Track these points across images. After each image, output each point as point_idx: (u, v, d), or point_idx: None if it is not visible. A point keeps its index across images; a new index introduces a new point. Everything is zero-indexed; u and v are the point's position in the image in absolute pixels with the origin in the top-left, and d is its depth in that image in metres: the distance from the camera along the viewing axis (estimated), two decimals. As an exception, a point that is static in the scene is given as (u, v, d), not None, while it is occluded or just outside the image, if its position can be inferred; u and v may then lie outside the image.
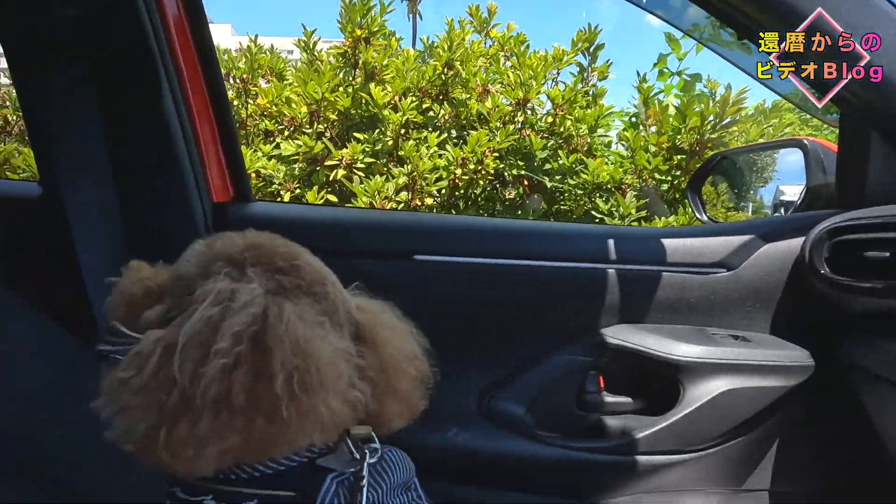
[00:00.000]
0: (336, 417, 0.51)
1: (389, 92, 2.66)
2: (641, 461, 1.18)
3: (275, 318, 0.50)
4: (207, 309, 0.49)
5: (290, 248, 0.58)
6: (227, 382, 0.46)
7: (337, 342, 0.54)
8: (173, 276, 0.57)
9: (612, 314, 1.25)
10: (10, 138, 2.77)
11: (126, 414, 0.47)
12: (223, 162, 1.24)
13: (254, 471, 0.50)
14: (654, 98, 2.62)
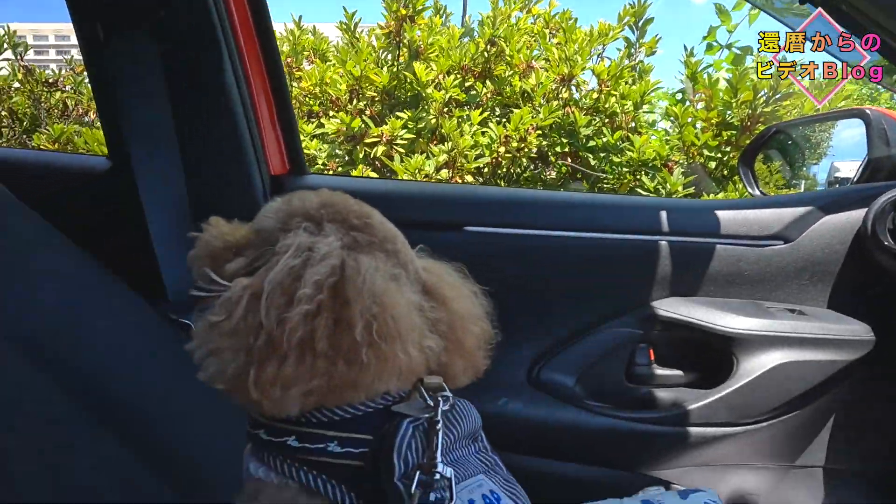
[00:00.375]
0: (412, 365, 0.53)
1: (433, 70, 2.66)
2: (692, 433, 1.18)
3: (352, 270, 0.52)
4: (290, 259, 0.52)
5: (362, 206, 0.60)
6: (310, 328, 0.49)
7: (410, 295, 0.56)
8: (253, 230, 0.60)
9: (664, 287, 1.25)
10: (69, 121, 2.89)
11: (217, 355, 0.50)
12: (280, 136, 1.28)
13: (333, 415, 0.53)
14: (702, 73, 2.55)
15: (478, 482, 0.55)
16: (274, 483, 0.53)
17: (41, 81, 2.96)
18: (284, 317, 0.49)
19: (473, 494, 0.53)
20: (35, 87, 2.94)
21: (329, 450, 0.52)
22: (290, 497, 0.52)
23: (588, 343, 1.24)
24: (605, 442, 1.19)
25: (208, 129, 1.17)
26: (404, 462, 0.51)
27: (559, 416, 1.20)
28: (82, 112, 2.94)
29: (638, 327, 1.24)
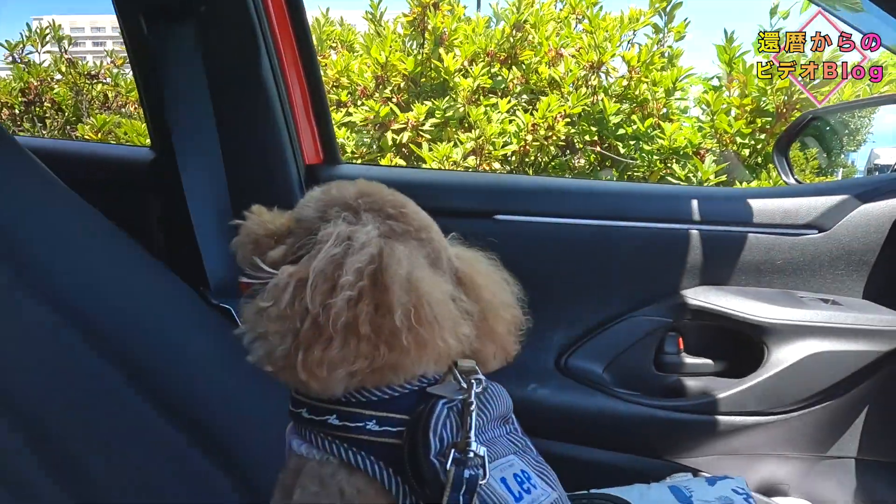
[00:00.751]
0: (449, 350, 0.55)
1: (459, 58, 2.66)
2: (722, 421, 1.18)
3: (389, 258, 0.54)
4: (331, 248, 0.54)
5: (397, 196, 0.62)
6: (353, 313, 0.51)
7: (444, 284, 0.58)
8: (293, 219, 0.62)
9: (694, 275, 1.25)
10: (109, 112, 2.98)
11: (265, 339, 0.53)
12: (314, 126, 1.31)
13: (371, 395, 0.55)
14: (739, 59, 2.49)
15: (509, 462, 0.57)
16: (316, 459, 0.56)
17: (83, 73, 3.06)
18: (329, 302, 0.51)
19: (505, 473, 0.55)
20: (78, 78, 3.04)
21: (368, 428, 0.54)
22: (330, 472, 0.55)
23: (617, 331, 1.25)
24: (633, 429, 1.21)
25: (246, 120, 1.20)
26: (439, 440, 0.53)
27: (587, 403, 1.21)
28: (121, 103, 3.03)
29: (667, 316, 1.24)
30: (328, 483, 0.54)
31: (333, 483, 0.54)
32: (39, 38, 3.12)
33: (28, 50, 3.15)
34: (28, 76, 3.04)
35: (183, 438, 0.88)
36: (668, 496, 0.90)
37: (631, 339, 1.25)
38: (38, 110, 3.08)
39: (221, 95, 1.16)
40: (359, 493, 0.54)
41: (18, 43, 3.12)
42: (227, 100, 1.17)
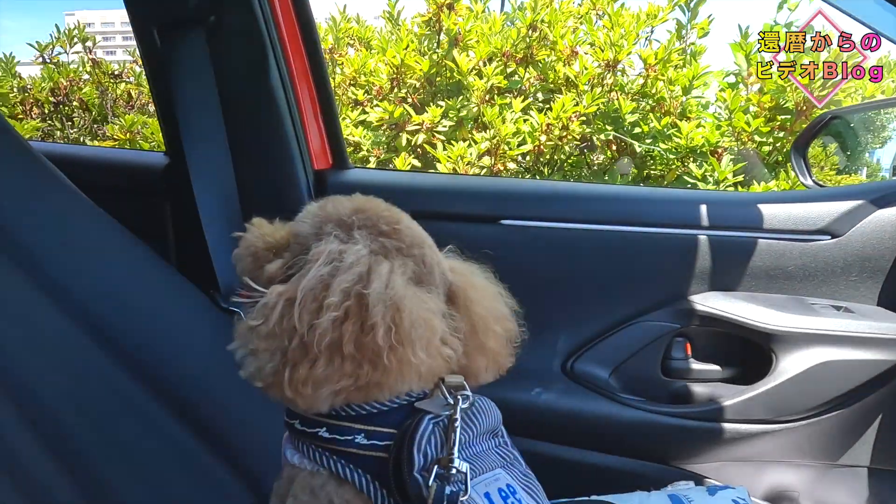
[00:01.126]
0: (431, 368, 0.56)
1: (473, 59, 2.66)
2: (728, 429, 1.17)
3: (376, 276, 0.55)
4: (320, 268, 0.55)
5: (392, 212, 0.63)
6: (339, 333, 0.52)
7: (431, 301, 0.58)
8: (290, 233, 0.64)
9: (702, 281, 1.24)
10: (133, 110, 3.05)
11: (256, 356, 0.55)
12: (322, 132, 1.33)
13: (361, 409, 0.56)
14: (756, 55, 2.45)
15: (495, 476, 0.58)
16: (307, 469, 0.58)
17: (107, 73, 3.13)
18: (315, 322, 0.52)
19: (489, 488, 0.56)
20: (102, 78, 3.10)
21: (356, 441, 0.56)
22: (321, 483, 0.56)
23: (624, 336, 1.25)
24: (638, 434, 1.20)
25: (255, 126, 1.22)
26: (423, 456, 0.54)
27: (592, 408, 1.22)
28: (144, 102, 3.09)
29: (675, 321, 1.24)
30: (318, 494, 0.56)
31: (323, 494, 0.56)
32: (68, 38, 3.19)
33: (58, 51, 3.23)
34: (58, 76, 3.12)
35: (192, 439, 0.91)
36: (667, 505, 0.90)
37: (638, 345, 1.24)
38: (66, 109, 3.16)
39: (231, 102, 1.18)
40: None
41: (49, 44, 3.20)
42: (237, 107, 1.19)
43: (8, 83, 3.15)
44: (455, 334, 0.59)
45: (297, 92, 1.26)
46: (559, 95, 2.60)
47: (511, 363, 0.67)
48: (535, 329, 0.69)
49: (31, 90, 3.13)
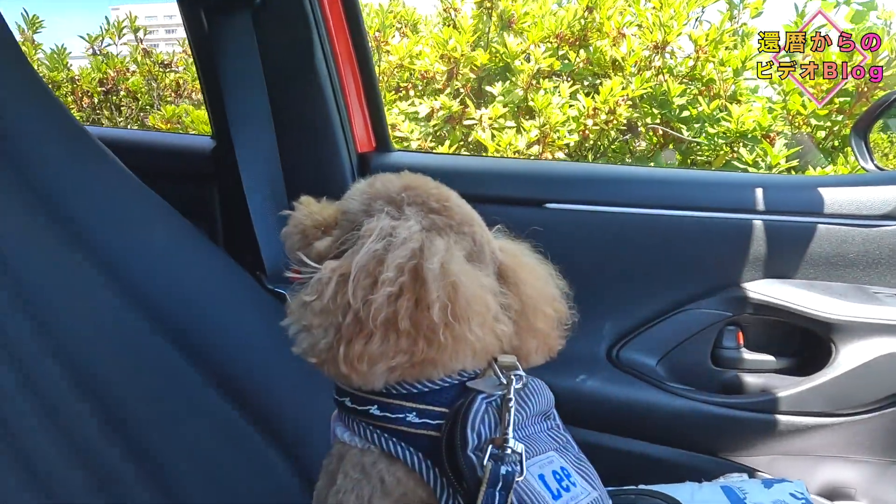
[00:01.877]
0: (486, 345, 0.55)
1: (524, 42, 2.61)
2: (783, 421, 1.13)
3: (432, 252, 0.54)
4: (373, 243, 0.55)
5: (441, 189, 0.62)
6: (394, 308, 0.52)
7: (485, 278, 0.58)
8: (339, 211, 0.64)
9: (757, 268, 1.19)
10: (180, 99, 3.12)
11: (309, 332, 0.54)
12: (366, 114, 1.32)
13: (412, 388, 0.56)
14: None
15: (548, 458, 0.57)
16: (358, 447, 0.57)
17: (157, 63, 3.20)
18: (369, 298, 0.52)
19: (543, 469, 0.55)
20: (152, 68, 3.19)
21: (408, 420, 0.55)
22: (372, 460, 0.56)
23: (672, 323, 1.21)
24: (687, 424, 1.17)
25: (300, 109, 1.23)
26: (477, 435, 0.53)
27: (638, 396, 1.19)
28: (192, 91, 3.16)
29: (726, 309, 1.19)
30: (369, 471, 0.56)
31: (374, 471, 0.56)
32: (117, 30, 3.28)
33: (106, 42, 3.33)
34: (106, 67, 3.22)
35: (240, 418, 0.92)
36: (719, 496, 0.87)
37: (687, 333, 1.21)
38: (115, 99, 3.26)
39: (277, 85, 1.19)
40: (398, 482, 0.55)
41: (98, 36, 3.30)
42: (282, 89, 1.20)
43: (60, 74, 3.26)
44: (506, 313, 0.58)
45: (341, 74, 1.26)
46: (605, 80, 2.54)
47: (561, 346, 0.66)
48: (579, 315, 0.67)
49: (79, 81, 3.24)
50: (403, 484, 0.55)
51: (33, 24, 3.12)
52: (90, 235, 0.88)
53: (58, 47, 3.32)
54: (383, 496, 0.55)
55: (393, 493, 0.55)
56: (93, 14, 3.19)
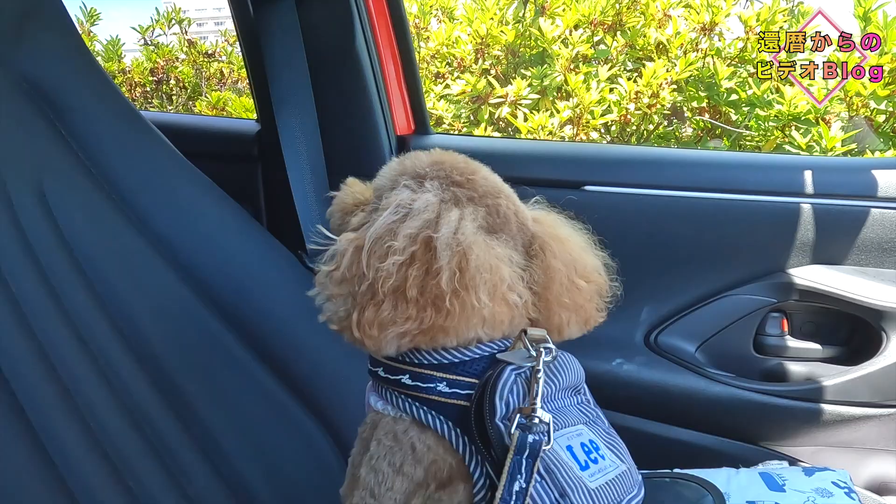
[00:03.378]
0: (496, 315, 0.56)
1: (559, 26, 2.57)
2: (828, 410, 1.10)
3: (445, 222, 0.56)
4: (390, 215, 0.57)
5: (469, 164, 0.63)
6: (403, 276, 0.54)
7: (500, 248, 0.58)
8: (372, 188, 0.66)
9: (804, 253, 1.15)
10: (225, 87, 3.21)
11: (332, 301, 0.57)
12: (405, 97, 1.34)
13: (442, 358, 0.57)
14: (876, 11, 2.21)
15: (577, 431, 0.57)
16: (391, 415, 0.59)
17: (202, 53, 3.30)
18: (380, 266, 0.54)
19: (572, 441, 0.56)
20: (197, 58, 3.29)
21: (438, 389, 0.56)
22: (403, 428, 0.58)
23: (713, 309, 1.19)
24: (726, 411, 1.15)
25: (341, 92, 1.25)
26: (505, 405, 0.54)
27: (676, 381, 1.17)
28: (235, 79, 3.24)
29: (770, 295, 1.16)
30: (401, 438, 0.58)
31: (406, 439, 0.58)
32: (167, 20, 3.39)
33: (157, 33, 3.44)
34: (155, 57, 3.33)
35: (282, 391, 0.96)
36: (758, 482, 0.86)
37: (728, 319, 1.18)
38: (165, 88, 3.38)
39: (319, 69, 1.21)
40: (429, 449, 0.57)
41: (149, 26, 3.42)
42: (324, 73, 1.22)
43: (114, 65, 3.40)
44: (531, 285, 0.59)
45: (381, 58, 1.27)
46: (648, 63, 2.48)
47: (601, 318, 0.65)
48: (617, 291, 0.67)
49: (130, 72, 3.36)
50: (434, 451, 0.56)
51: (91, 16, 3.25)
52: (143, 212, 0.93)
53: (112, 38, 3.46)
54: (414, 463, 0.57)
55: (423, 460, 0.57)
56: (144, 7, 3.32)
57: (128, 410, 0.79)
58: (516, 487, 0.51)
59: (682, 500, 0.81)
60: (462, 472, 0.56)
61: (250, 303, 0.99)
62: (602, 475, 0.55)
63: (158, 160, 0.99)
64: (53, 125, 0.88)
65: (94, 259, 0.84)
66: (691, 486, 0.83)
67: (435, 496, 0.56)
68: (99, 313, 0.82)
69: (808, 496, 0.80)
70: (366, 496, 0.58)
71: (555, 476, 0.52)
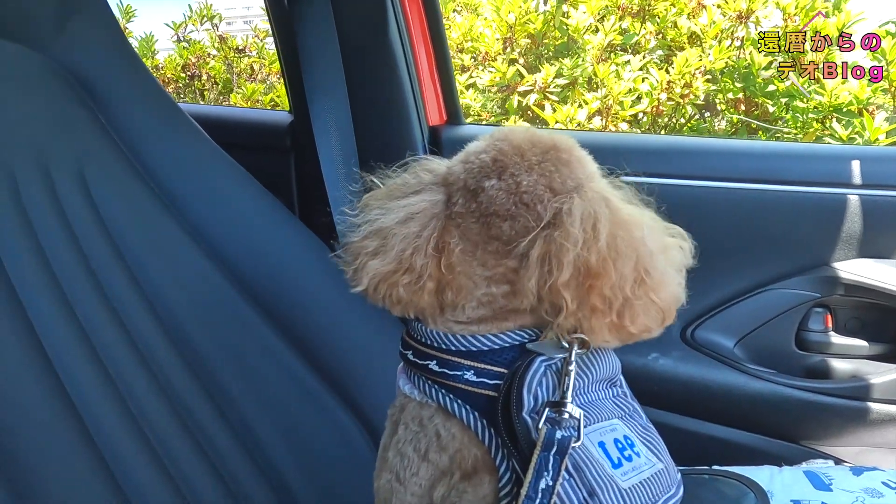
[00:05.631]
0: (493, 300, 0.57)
1: (586, 14, 2.53)
2: (875, 409, 1.06)
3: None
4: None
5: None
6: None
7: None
8: None
9: (850, 247, 1.11)
10: (254, 82, 3.25)
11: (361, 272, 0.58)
12: (438, 87, 1.33)
13: (471, 345, 0.56)
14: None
15: (611, 426, 0.55)
16: (417, 400, 0.58)
17: (233, 48, 3.35)
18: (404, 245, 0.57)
19: (605, 437, 0.53)
20: (228, 53, 3.33)
21: (465, 377, 0.55)
22: (429, 414, 0.57)
23: (753, 304, 1.16)
24: (766, 408, 1.12)
25: (373, 83, 1.25)
26: (534, 398, 0.52)
27: (714, 377, 1.14)
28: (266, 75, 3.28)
29: (814, 290, 1.12)
30: (426, 424, 0.57)
31: (431, 425, 0.57)
32: (199, 16, 3.44)
33: (189, 29, 3.50)
34: (187, 52, 3.39)
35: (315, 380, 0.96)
36: (802, 481, 0.83)
37: (769, 314, 1.15)
38: (198, 84, 3.43)
39: (352, 60, 1.21)
40: (453, 438, 0.55)
41: (182, 23, 3.47)
42: (357, 64, 1.22)
43: (148, 61, 3.46)
44: None
45: (414, 48, 1.27)
46: (679, 52, 2.42)
47: (638, 329, 0.56)
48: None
49: (162, 69, 3.42)
50: (458, 440, 0.55)
51: (127, 13, 3.33)
52: (180, 201, 0.94)
53: (147, 35, 3.52)
54: (439, 450, 0.56)
55: (448, 448, 0.55)
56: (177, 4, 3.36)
57: (165, 394, 0.80)
58: (542, 485, 0.49)
59: (723, 497, 0.79)
60: (487, 464, 0.54)
61: (283, 292, 0.99)
62: (636, 473, 0.53)
63: (195, 151, 1.01)
64: (94, 114, 0.90)
65: (133, 246, 0.86)
66: (732, 483, 0.81)
67: (459, 486, 0.54)
68: (137, 299, 0.83)
69: (857, 496, 0.77)
70: (392, 479, 0.58)
71: (584, 474, 0.50)
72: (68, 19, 0.90)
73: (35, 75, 0.87)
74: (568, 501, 0.49)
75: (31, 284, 0.73)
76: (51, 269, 0.76)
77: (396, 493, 0.57)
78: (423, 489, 0.56)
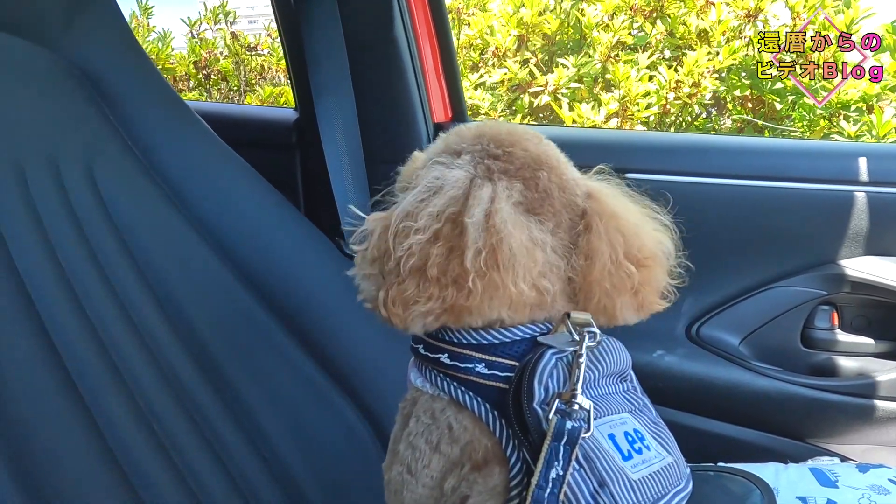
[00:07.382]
0: (524, 298, 0.54)
1: (600, 11, 2.53)
2: (881, 407, 1.05)
3: (476, 201, 0.54)
4: (418, 194, 0.55)
5: (512, 134, 0.60)
6: (425, 255, 0.52)
7: (535, 230, 0.55)
8: None
9: (857, 244, 1.11)
10: (265, 81, 3.26)
11: (367, 280, 0.57)
12: (443, 84, 1.33)
13: (482, 338, 0.56)
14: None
15: (621, 419, 0.55)
16: (429, 393, 0.59)
17: (244, 46, 3.36)
18: (403, 245, 0.53)
19: (615, 430, 0.54)
20: (240, 51, 3.34)
21: (476, 370, 0.55)
22: (441, 407, 0.57)
23: (759, 301, 1.15)
24: (772, 406, 1.11)
25: (379, 80, 1.25)
26: (545, 389, 0.52)
27: (720, 374, 1.14)
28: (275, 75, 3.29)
29: (820, 287, 1.12)
30: (438, 417, 0.57)
31: (443, 418, 0.57)
32: (213, 15, 3.46)
33: (203, 27, 3.51)
34: (199, 49, 3.40)
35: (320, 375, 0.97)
36: (808, 478, 0.82)
37: (774, 312, 1.14)
38: (208, 83, 3.44)
39: (357, 57, 1.21)
40: (465, 430, 0.55)
41: (197, 20, 3.49)
42: (363, 61, 1.23)
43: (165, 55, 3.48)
44: (573, 266, 0.57)
45: (419, 46, 1.27)
46: (690, 52, 2.41)
47: (659, 306, 0.61)
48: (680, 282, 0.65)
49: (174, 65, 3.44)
50: (470, 432, 0.55)
51: (145, 10, 3.36)
52: (187, 197, 0.95)
53: (164, 31, 3.54)
54: (451, 442, 0.56)
55: (460, 440, 0.56)
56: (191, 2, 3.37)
57: (173, 389, 0.80)
58: (553, 475, 0.49)
59: (728, 494, 0.78)
60: (498, 456, 0.54)
61: (289, 288, 1.00)
62: (646, 466, 0.53)
63: (202, 147, 1.01)
64: (102, 110, 0.91)
65: (141, 242, 0.86)
66: (738, 479, 0.80)
67: (470, 477, 0.55)
68: (145, 294, 0.84)
69: (864, 493, 0.77)
70: (403, 472, 0.58)
71: (594, 465, 0.50)
72: (76, 16, 0.90)
73: (44, 71, 0.87)
74: (578, 491, 0.49)
75: (40, 279, 0.74)
76: (59, 265, 0.76)
77: (407, 485, 0.58)
78: (434, 481, 0.56)
